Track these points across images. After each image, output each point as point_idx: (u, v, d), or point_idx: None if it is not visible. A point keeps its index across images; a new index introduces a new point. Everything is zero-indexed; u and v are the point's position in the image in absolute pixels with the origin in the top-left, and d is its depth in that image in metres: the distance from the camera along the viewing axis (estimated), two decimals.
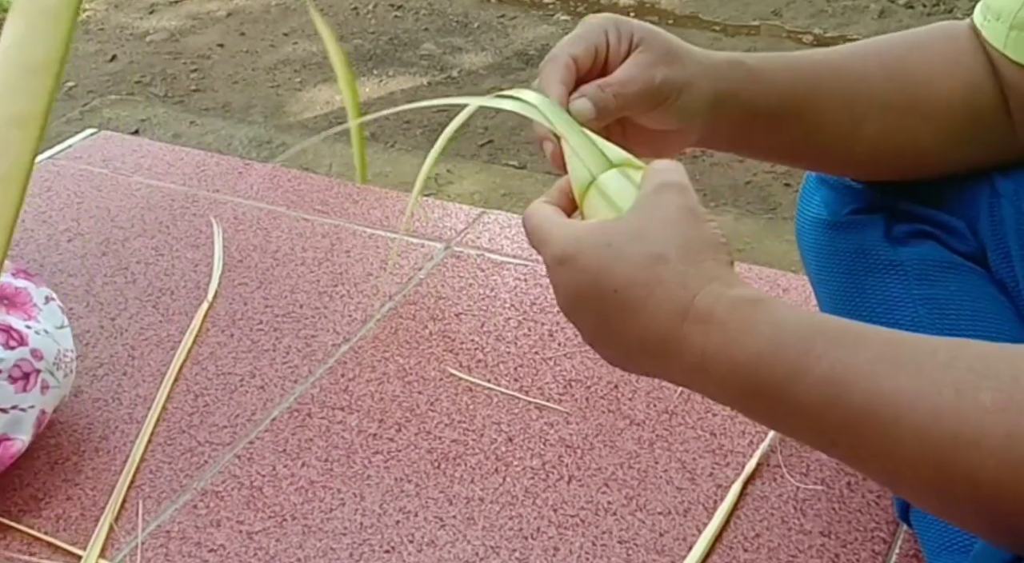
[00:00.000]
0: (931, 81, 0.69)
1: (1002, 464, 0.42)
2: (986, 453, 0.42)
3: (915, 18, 2.33)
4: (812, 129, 0.70)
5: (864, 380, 0.45)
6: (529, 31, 2.45)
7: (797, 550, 0.82)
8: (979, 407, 0.43)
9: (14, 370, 0.87)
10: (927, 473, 0.45)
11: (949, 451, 0.43)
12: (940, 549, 0.71)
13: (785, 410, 0.48)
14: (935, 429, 0.44)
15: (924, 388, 0.44)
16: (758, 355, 0.48)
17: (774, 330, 0.48)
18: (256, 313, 1.13)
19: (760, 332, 0.48)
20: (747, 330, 0.48)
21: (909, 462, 0.45)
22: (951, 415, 0.43)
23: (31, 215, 1.32)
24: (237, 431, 0.98)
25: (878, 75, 0.70)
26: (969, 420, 0.43)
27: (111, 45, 2.53)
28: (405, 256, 1.20)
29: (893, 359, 0.46)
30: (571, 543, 0.84)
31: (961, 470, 0.43)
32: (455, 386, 1.01)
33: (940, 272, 0.74)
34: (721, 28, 2.38)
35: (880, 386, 0.45)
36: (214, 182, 1.37)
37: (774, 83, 0.68)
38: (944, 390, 0.44)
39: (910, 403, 0.44)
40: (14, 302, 0.94)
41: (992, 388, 0.43)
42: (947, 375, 0.44)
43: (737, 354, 0.48)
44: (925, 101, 0.70)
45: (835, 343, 0.47)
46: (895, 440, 0.45)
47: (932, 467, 0.44)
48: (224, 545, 0.86)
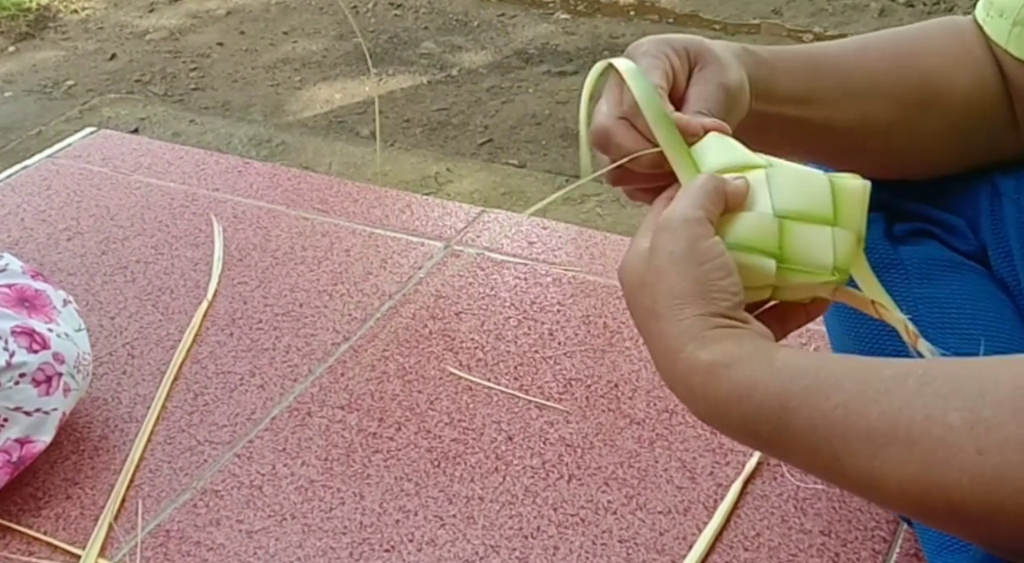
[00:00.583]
0: (939, 75, 0.69)
1: (975, 481, 0.43)
2: (958, 472, 0.43)
3: (915, 16, 2.33)
4: (824, 121, 0.69)
5: (839, 425, 0.47)
6: (529, 29, 2.45)
7: (797, 549, 0.82)
8: (948, 428, 0.44)
9: (38, 373, 0.88)
10: (911, 499, 0.46)
11: (925, 476, 0.44)
12: (940, 548, 0.71)
13: (781, 454, 0.52)
14: (911, 457, 0.45)
15: (896, 420, 0.46)
16: (743, 417, 0.50)
17: (751, 392, 0.50)
18: (256, 312, 1.13)
19: (740, 397, 0.50)
20: (727, 397, 0.51)
21: (893, 491, 0.46)
22: (924, 441, 0.45)
23: (30, 214, 1.32)
24: (237, 430, 0.97)
25: (885, 67, 0.70)
26: (940, 443, 0.44)
27: (111, 43, 2.52)
28: (405, 255, 1.20)
29: (863, 398, 0.47)
30: (571, 542, 0.84)
31: (938, 494, 0.44)
32: (455, 385, 1.01)
33: (941, 271, 0.74)
34: (721, 27, 2.38)
35: (856, 427, 0.47)
36: (214, 181, 1.37)
37: (788, 73, 0.67)
38: (916, 417, 0.45)
39: (885, 438, 0.46)
40: (35, 305, 0.94)
41: (959, 408, 0.44)
42: (917, 402, 0.45)
43: (723, 418, 0.51)
44: (933, 95, 0.69)
45: (807, 393, 0.48)
46: (879, 473, 0.46)
47: (914, 493, 0.45)
48: (224, 544, 0.86)
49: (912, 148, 0.72)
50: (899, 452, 0.45)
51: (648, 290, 0.53)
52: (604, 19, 2.45)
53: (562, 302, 1.11)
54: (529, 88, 2.15)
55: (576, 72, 2.17)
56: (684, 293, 0.52)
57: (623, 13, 2.46)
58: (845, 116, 0.69)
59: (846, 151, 0.73)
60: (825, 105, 0.68)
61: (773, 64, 0.66)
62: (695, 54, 0.61)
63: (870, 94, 0.69)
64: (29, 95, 2.25)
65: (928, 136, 0.71)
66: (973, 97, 0.69)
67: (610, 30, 2.39)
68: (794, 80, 0.67)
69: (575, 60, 2.24)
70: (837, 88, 0.69)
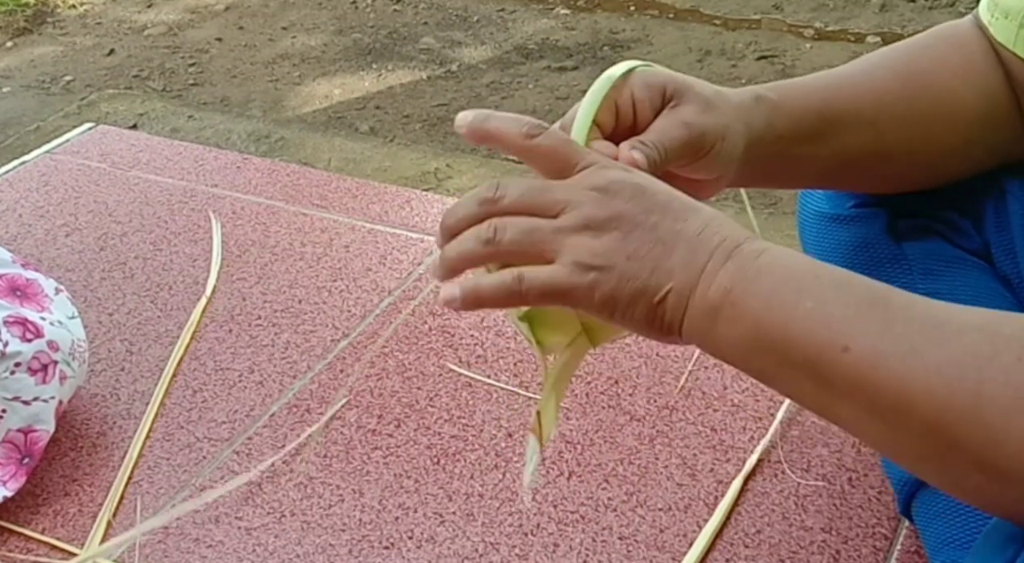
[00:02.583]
0: (948, 92, 0.68)
1: (1009, 383, 0.45)
2: (997, 370, 0.45)
3: (916, 11, 2.32)
4: (840, 150, 0.68)
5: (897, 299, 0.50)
6: (529, 25, 2.44)
7: (798, 546, 0.82)
8: (999, 334, 0.46)
9: (33, 362, 0.87)
10: (934, 385, 0.46)
11: (962, 361, 0.46)
12: (942, 545, 0.71)
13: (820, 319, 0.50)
14: (954, 343, 0.47)
15: (955, 314, 0.49)
16: (787, 271, 0.51)
17: (802, 258, 0.53)
18: (255, 308, 1.12)
19: (790, 254, 0.52)
20: (777, 255, 0.52)
21: (930, 370, 0.47)
22: (974, 335, 0.47)
23: (29, 210, 1.31)
24: (235, 427, 0.97)
25: (893, 87, 0.69)
26: (989, 344, 0.46)
27: (109, 39, 2.52)
28: (404, 251, 1.20)
29: (925, 302, 0.50)
30: (571, 539, 0.84)
31: (969, 385, 0.45)
32: (454, 381, 1.01)
33: (944, 266, 0.74)
34: (722, 22, 2.37)
35: (916, 307, 0.49)
36: (212, 177, 1.36)
37: (797, 110, 0.66)
38: (974, 320, 0.48)
39: (942, 319, 0.48)
40: (27, 294, 0.94)
41: (1012, 324, 0.47)
42: (978, 312, 0.49)
43: (763, 280, 0.51)
44: (945, 113, 0.69)
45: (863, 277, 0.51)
46: (925, 352, 0.47)
47: (943, 376, 0.46)
48: (223, 541, 0.86)
49: (929, 166, 0.71)
50: (949, 338, 0.47)
51: (667, 193, 0.54)
52: (604, 14, 2.45)
53: None
54: (529, 84, 2.15)
55: (576, 68, 2.17)
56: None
57: (623, 8, 2.45)
58: (858, 146, 0.68)
59: (862, 178, 0.72)
60: (837, 139, 0.68)
61: (781, 105, 0.66)
62: (672, 91, 0.61)
63: (881, 121, 0.68)
64: (27, 90, 2.24)
65: (944, 153, 0.70)
66: (982, 109, 0.69)
67: (610, 25, 2.38)
68: (805, 120, 0.66)
69: (575, 56, 2.23)
70: (848, 122, 0.68)
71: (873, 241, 0.75)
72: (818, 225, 0.79)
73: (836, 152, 0.68)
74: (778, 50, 2.23)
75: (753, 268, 0.51)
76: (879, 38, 2.22)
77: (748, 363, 0.53)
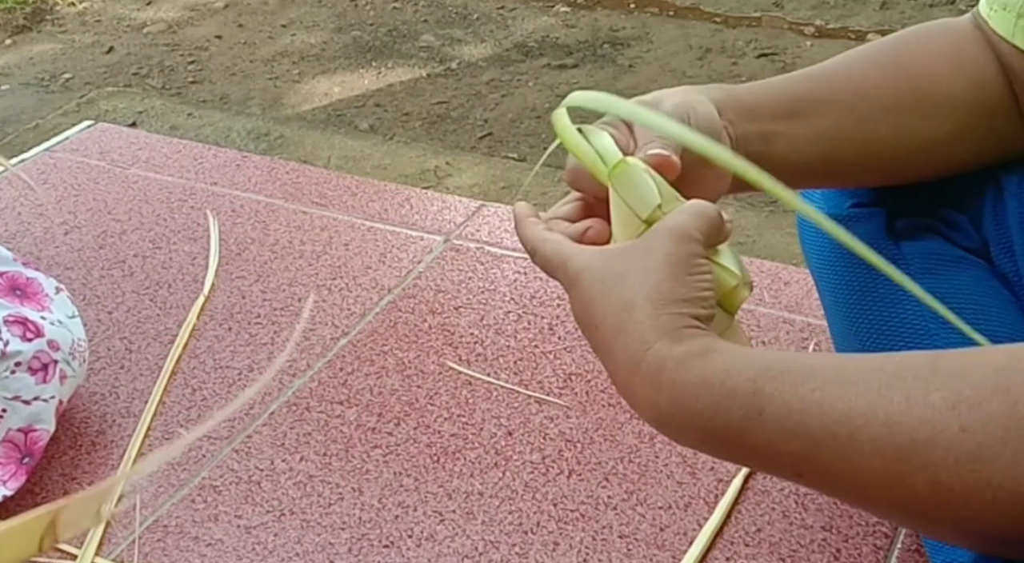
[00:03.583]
0: (935, 79, 0.69)
1: (960, 459, 0.42)
2: (944, 450, 0.43)
3: (917, 9, 2.32)
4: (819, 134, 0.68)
5: (816, 407, 0.46)
6: (529, 22, 2.44)
7: (799, 544, 0.82)
8: (930, 408, 0.43)
9: (33, 362, 0.87)
10: (891, 486, 0.45)
11: (908, 456, 0.44)
12: (942, 544, 0.71)
13: (748, 450, 0.50)
14: (891, 438, 0.44)
15: (874, 402, 0.45)
16: (713, 405, 0.49)
17: (725, 378, 0.49)
18: (254, 306, 1.12)
19: (712, 383, 0.50)
20: (699, 383, 0.50)
21: (872, 477, 0.45)
22: (904, 421, 0.44)
23: (27, 208, 1.31)
24: (235, 425, 0.97)
25: (873, 74, 0.69)
26: (922, 422, 0.44)
27: (108, 36, 2.52)
28: (404, 249, 1.20)
29: (840, 382, 0.47)
30: (571, 538, 0.84)
31: (922, 476, 0.43)
32: (454, 380, 1.01)
33: (943, 266, 0.74)
34: (722, 20, 2.37)
35: (833, 408, 0.46)
36: (212, 174, 1.36)
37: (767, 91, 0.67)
38: (895, 398, 0.45)
39: (863, 419, 0.45)
40: (27, 293, 0.94)
41: (940, 389, 0.44)
42: (896, 385, 0.45)
43: (691, 406, 0.50)
44: (930, 100, 0.69)
45: (783, 377, 0.48)
46: (855, 457, 0.45)
47: (894, 477, 0.45)
48: (222, 540, 0.86)
49: (918, 154, 0.71)
50: (880, 433, 0.44)
51: (630, 283, 0.53)
52: (604, 12, 2.44)
53: (562, 297, 1.10)
54: (529, 81, 2.15)
55: (576, 65, 2.17)
56: (671, 292, 0.53)
57: (623, 6, 2.45)
58: (839, 132, 0.68)
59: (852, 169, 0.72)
60: (811, 121, 0.68)
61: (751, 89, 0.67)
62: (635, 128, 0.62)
63: (861, 108, 0.68)
64: (26, 88, 2.24)
65: (934, 140, 0.70)
66: (972, 96, 0.69)
67: (611, 23, 2.38)
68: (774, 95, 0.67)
69: (575, 53, 2.23)
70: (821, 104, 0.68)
71: (871, 241, 0.75)
72: (816, 226, 0.79)
73: (816, 135, 0.68)
74: (778, 48, 2.22)
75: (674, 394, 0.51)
76: (880, 35, 2.22)
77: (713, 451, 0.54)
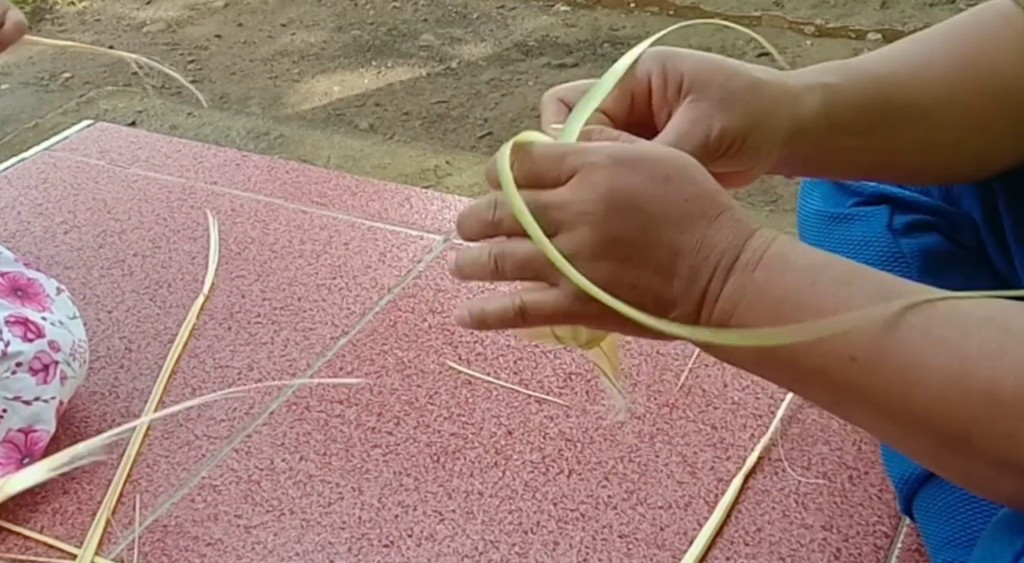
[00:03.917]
0: (1003, 73, 0.65)
1: (1020, 381, 0.45)
2: (1008, 368, 0.45)
3: (917, 8, 2.32)
4: (890, 142, 0.65)
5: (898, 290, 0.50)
6: (529, 22, 2.44)
7: (799, 544, 0.82)
8: (1007, 331, 0.46)
9: (34, 362, 0.87)
10: (946, 390, 0.46)
11: (971, 363, 0.46)
12: (943, 544, 0.71)
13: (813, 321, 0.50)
14: (964, 342, 0.47)
15: (954, 305, 0.48)
16: (809, 266, 0.51)
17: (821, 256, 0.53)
18: (254, 306, 1.12)
19: (806, 251, 0.52)
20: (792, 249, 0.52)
21: (933, 375, 0.47)
22: (978, 332, 0.47)
23: (27, 207, 1.31)
24: (235, 425, 0.97)
25: (952, 75, 0.65)
26: (994, 339, 0.46)
27: (108, 35, 2.51)
28: (404, 249, 1.20)
29: (922, 291, 0.49)
30: (571, 537, 0.84)
31: (980, 385, 0.46)
32: (454, 379, 1.00)
33: (943, 263, 0.74)
34: (722, 19, 2.36)
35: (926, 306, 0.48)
36: (211, 174, 1.36)
37: (856, 101, 0.63)
38: (978, 313, 0.47)
39: (941, 320, 0.47)
40: (28, 293, 0.94)
41: (1021, 318, 0.47)
42: (978, 301, 0.48)
43: (781, 272, 0.51)
44: (999, 94, 0.65)
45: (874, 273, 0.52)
46: (923, 350, 0.47)
47: (953, 380, 0.46)
48: (222, 539, 0.86)
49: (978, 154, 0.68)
50: (953, 336, 0.47)
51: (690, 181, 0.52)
52: (604, 11, 2.44)
53: None
54: (529, 81, 2.14)
55: (576, 65, 2.16)
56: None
57: (623, 5, 2.45)
58: (910, 139, 0.65)
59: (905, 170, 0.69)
60: (891, 133, 0.65)
61: (841, 92, 0.62)
62: (689, 85, 0.58)
63: (937, 114, 0.65)
64: (26, 87, 2.24)
65: (996, 139, 0.66)
66: None
67: (611, 22, 2.38)
68: (863, 113, 0.63)
69: (575, 53, 2.22)
70: (906, 115, 0.64)
71: (873, 239, 0.75)
72: (818, 224, 0.79)
73: (887, 144, 0.65)
74: (779, 47, 2.22)
75: (752, 286, 0.50)
76: (880, 35, 2.22)
77: (761, 374, 0.53)
